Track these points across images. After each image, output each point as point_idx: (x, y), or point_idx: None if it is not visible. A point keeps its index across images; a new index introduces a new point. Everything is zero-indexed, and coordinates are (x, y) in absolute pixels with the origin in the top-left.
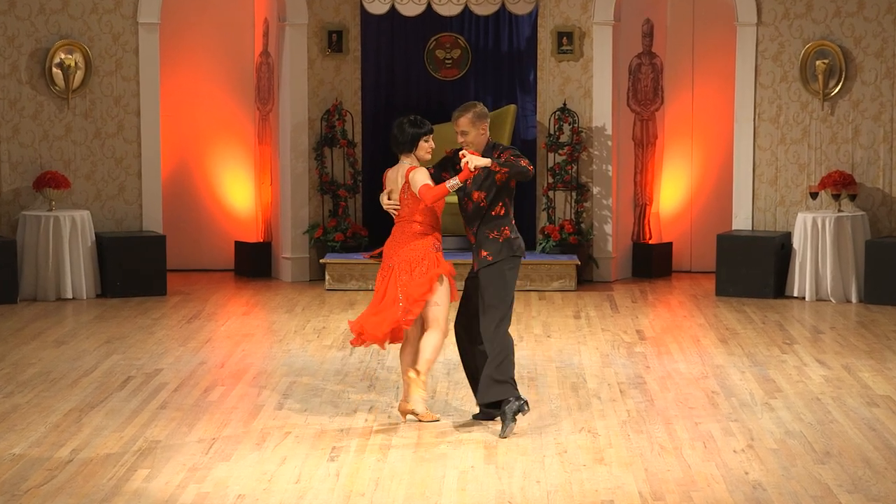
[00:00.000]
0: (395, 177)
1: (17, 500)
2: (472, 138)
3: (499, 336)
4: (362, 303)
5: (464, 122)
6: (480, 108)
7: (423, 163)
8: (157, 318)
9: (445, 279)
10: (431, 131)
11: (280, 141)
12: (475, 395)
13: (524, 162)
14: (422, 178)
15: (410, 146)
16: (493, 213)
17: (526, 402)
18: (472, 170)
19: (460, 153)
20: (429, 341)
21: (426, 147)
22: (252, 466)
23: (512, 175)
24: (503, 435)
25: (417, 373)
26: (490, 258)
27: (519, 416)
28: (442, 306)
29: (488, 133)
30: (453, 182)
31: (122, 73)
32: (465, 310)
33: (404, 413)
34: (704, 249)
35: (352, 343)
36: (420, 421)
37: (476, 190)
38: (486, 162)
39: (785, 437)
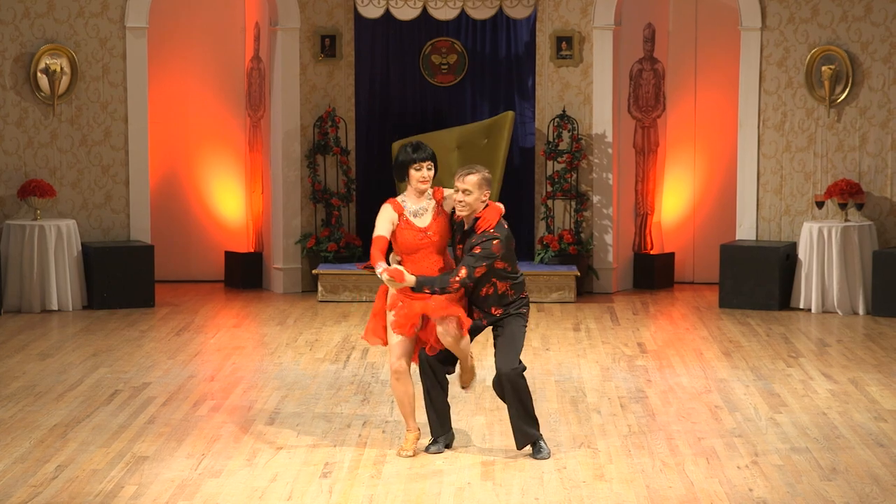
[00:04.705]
0: None
1: None
2: (473, 200)
3: (517, 374)
4: (356, 314)
5: (472, 180)
6: (489, 174)
7: (418, 194)
8: (144, 331)
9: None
10: (426, 159)
11: (271, 148)
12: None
13: (455, 279)
14: (380, 222)
15: (400, 174)
16: (480, 293)
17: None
18: (385, 281)
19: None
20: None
21: (417, 177)
22: (242, 483)
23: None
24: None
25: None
26: (500, 312)
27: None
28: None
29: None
30: (380, 273)
31: (110, 78)
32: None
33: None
34: (707, 260)
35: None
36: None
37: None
38: (408, 285)
39: (790, 452)
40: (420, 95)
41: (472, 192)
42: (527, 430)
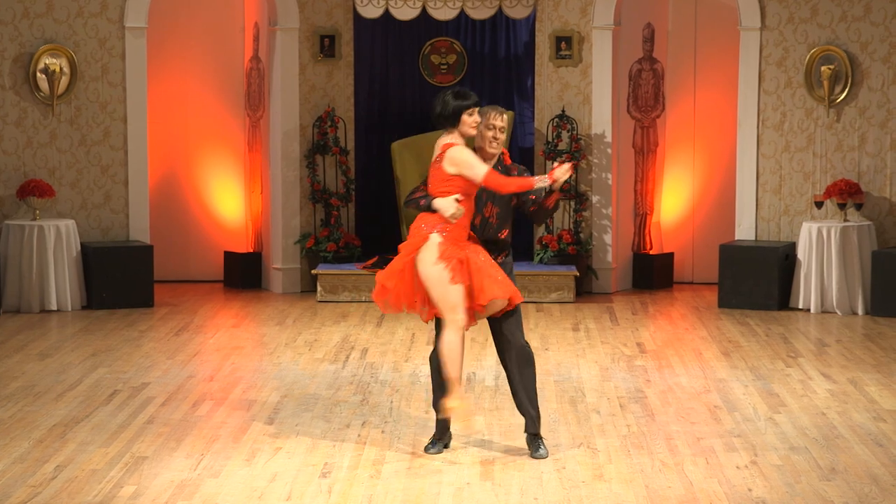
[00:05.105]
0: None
1: None
2: (506, 137)
3: (531, 352)
4: (355, 314)
5: (507, 119)
6: None
7: (466, 140)
8: (144, 331)
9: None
10: (478, 104)
11: (270, 148)
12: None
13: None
14: (477, 160)
15: (453, 121)
16: (500, 235)
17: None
18: (558, 177)
19: (559, 164)
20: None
21: (470, 122)
22: (242, 483)
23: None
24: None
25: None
26: (500, 262)
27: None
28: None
29: None
30: (543, 180)
31: (109, 78)
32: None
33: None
34: (707, 260)
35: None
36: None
37: (490, 202)
38: (560, 181)
39: (789, 452)
40: (419, 95)
41: (505, 130)
42: (535, 415)
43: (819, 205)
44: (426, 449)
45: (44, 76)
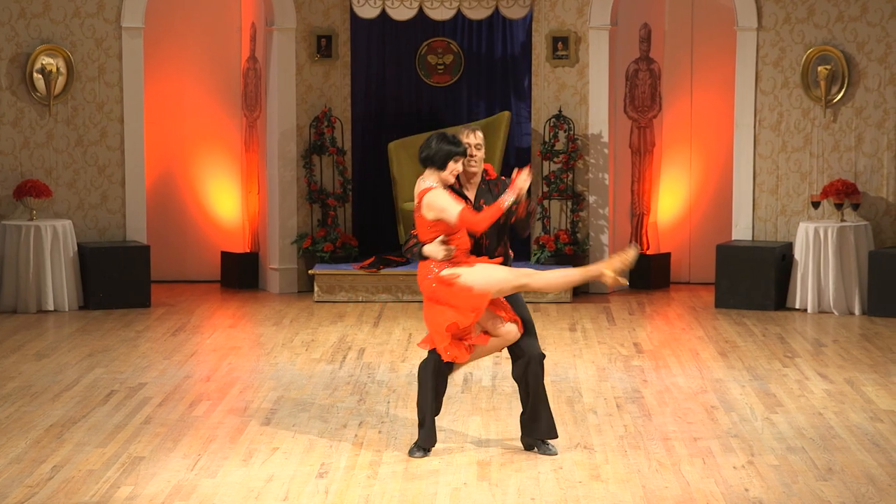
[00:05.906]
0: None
1: None
2: (481, 155)
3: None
4: (352, 315)
5: (482, 136)
6: None
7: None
8: (140, 331)
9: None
10: (465, 153)
11: (267, 148)
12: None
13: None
14: (449, 202)
15: (442, 164)
16: (496, 253)
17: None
18: (522, 186)
19: (518, 172)
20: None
21: (454, 168)
22: (238, 483)
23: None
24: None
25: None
26: None
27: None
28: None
29: None
30: (509, 197)
31: (106, 78)
32: None
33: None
34: (703, 260)
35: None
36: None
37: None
38: (524, 189)
39: (786, 452)
40: (416, 96)
41: (482, 147)
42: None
43: (816, 205)
44: (413, 452)
45: (40, 76)
